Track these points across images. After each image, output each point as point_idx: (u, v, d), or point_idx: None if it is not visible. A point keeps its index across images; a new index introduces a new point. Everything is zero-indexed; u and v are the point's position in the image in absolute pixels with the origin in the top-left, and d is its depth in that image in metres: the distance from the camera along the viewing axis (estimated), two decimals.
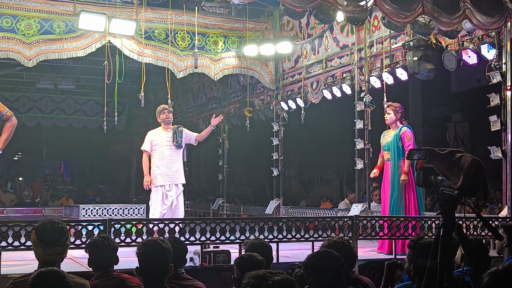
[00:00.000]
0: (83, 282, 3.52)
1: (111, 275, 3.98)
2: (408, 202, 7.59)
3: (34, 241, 3.62)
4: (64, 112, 20.08)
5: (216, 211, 14.79)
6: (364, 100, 9.89)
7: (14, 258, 5.99)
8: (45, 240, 3.56)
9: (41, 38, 10.33)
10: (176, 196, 8.44)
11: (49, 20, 10.39)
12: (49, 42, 10.38)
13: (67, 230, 3.69)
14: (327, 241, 4.15)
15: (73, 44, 10.50)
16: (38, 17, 10.32)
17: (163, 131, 8.59)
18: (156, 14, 10.95)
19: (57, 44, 10.44)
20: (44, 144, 23.31)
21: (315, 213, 11.27)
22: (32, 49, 10.27)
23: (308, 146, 15.66)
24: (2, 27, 10.08)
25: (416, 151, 3.57)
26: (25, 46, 10.22)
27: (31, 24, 10.27)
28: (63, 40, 10.45)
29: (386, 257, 7.08)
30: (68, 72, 17.47)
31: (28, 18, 10.26)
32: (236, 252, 5.99)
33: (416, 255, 3.48)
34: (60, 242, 3.59)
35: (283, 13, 10.35)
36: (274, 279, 2.30)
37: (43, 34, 10.35)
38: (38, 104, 19.70)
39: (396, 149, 7.70)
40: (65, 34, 10.46)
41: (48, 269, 2.90)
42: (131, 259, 4.32)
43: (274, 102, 12.76)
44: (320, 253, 3.37)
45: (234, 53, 12.05)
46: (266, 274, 2.33)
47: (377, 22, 9.72)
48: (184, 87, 17.51)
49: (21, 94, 19.40)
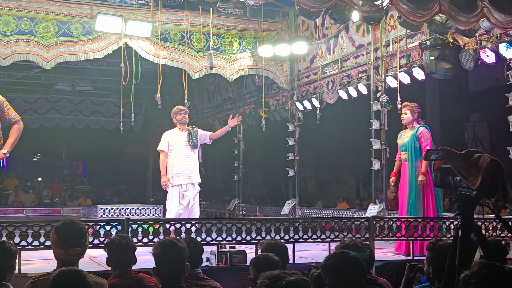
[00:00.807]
0: (101, 281, 3.54)
1: (129, 275, 4.00)
2: (426, 203, 7.51)
3: (55, 241, 3.64)
4: (82, 113, 20.27)
5: (232, 212, 14.80)
6: (381, 100, 9.82)
7: (34, 257, 6.04)
8: (66, 240, 3.59)
9: (59, 40, 10.42)
10: (193, 196, 8.47)
11: (66, 22, 10.47)
12: (66, 44, 10.47)
13: (86, 231, 3.73)
14: (340, 244, 4.12)
15: (90, 46, 10.58)
16: (56, 19, 10.41)
17: (179, 131, 8.62)
18: (172, 15, 10.99)
19: (75, 46, 10.52)
20: (62, 145, 23.50)
21: (332, 213, 11.23)
22: (50, 51, 10.36)
23: (324, 146, 15.61)
24: (21, 30, 10.18)
25: (434, 151, 3.53)
26: (43, 48, 10.31)
27: (49, 26, 10.36)
28: (81, 42, 10.54)
29: (404, 258, 7.04)
30: (85, 74, 17.60)
31: (46, 20, 10.36)
32: (252, 252, 5.98)
33: (435, 257, 3.44)
34: (80, 242, 3.62)
35: (298, 13, 10.32)
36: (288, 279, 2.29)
37: (61, 36, 10.44)
38: (57, 106, 19.90)
39: (413, 149, 7.63)
40: (82, 36, 10.54)
41: (69, 269, 2.93)
42: (148, 258, 4.34)
43: (289, 102, 12.74)
44: (337, 254, 3.34)
45: (249, 53, 12.05)
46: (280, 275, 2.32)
47: (393, 21, 9.65)
48: (200, 88, 17.55)
49: (39, 96, 19.61)
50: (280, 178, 15.39)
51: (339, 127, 14.18)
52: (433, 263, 3.46)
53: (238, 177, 14.93)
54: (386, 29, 9.98)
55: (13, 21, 10.14)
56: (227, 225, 6.16)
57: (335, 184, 17.21)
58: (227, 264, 6.06)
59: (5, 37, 10.05)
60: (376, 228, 6.55)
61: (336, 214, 11.04)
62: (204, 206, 15.59)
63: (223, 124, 15.34)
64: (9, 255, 3.69)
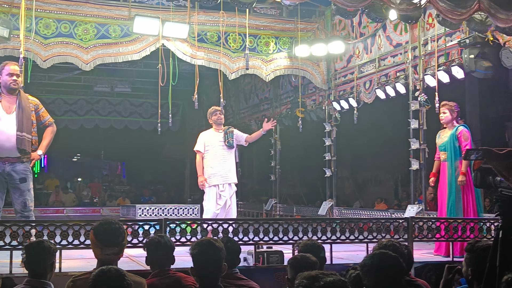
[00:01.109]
0: (140, 280, 3.58)
1: (167, 274, 4.04)
2: (466, 203, 7.39)
3: (92, 241, 3.71)
4: (121, 114, 20.54)
5: (269, 212, 14.81)
6: (419, 99, 9.70)
7: (74, 256, 6.15)
8: (103, 240, 3.64)
9: (97, 42, 10.59)
10: (229, 196, 8.50)
11: (105, 24, 10.64)
12: (105, 46, 10.64)
13: (123, 230, 3.76)
14: (378, 244, 4.08)
15: (128, 48, 10.72)
16: (94, 22, 10.58)
17: (215, 132, 8.66)
18: (208, 16, 11.05)
19: (113, 48, 10.68)
20: (101, 145, 23.87)
21: (369, 214, 11.14)
22: (89, 53, 10.54)
23: (361, 146, 15.48)
24: (61, 33, 10.39)
25: (474, 151, 3.47)
26: (83, 50, 10.50)
27: (88, 29, 10.54)
28: (119, 44, 10.69)
29: (443, 259, 6.94)
30: (123, 75, 17.84)
31: (85, 23, 10.54)
32: (289, 252, 5.98)
33: (473, 259, 3.39)
34: (117, 242, 3.66)
35: (334, 12, 10.26)
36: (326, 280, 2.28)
37: (100, 38, 10.61)
38: (96, 107, 20.21)
39: (452, 149, 7.52)
40: (121, 38, 10.69)
41: (109, 268, 2.98)
42: (186, 258, 4.37)
43: (326, 102, 12.68)
44: (376, 255, 3.30)
45: (285, 53, 12.05)
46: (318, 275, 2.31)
47: (432, 19, 9.52)
48: (236, 88, 17.62)
49: (79, 97, 19.95)
50: (317, 178, 15.32)
51: (377, 126, 14.04)
52: (472, 265, 3.41)
53: (275, 177, 14.94)
54: (424, 27, 9.86)
55: (53, 24, 10.36)
56: (264, 225, 6.16)
57: (373, 185, 17.05)
58: (264, 264, 6.07)
59: (45, 40, 10.27)
60: (415, 229, 6.47)
61: (374, 214, 10.95)
62: (241, 206, 15.64)
63: (259, 125, 15.39)
64: (48, 253, 3.77)
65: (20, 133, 6.38)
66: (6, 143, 6.35)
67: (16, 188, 6.42)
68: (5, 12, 9.87)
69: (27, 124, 6.48)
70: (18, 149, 6.38)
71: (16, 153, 6.39)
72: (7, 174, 6.38)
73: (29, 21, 9.60)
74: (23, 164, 6.44)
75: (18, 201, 6.42)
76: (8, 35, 9.55)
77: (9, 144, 6.36)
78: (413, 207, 9.67)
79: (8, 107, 6.43)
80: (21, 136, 6.38)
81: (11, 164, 6.38)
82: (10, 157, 6.37)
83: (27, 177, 6.48)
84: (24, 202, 6.41)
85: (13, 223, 5.37)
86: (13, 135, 6.36)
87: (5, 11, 9.89)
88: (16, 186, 6.42)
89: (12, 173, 6.39)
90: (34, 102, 6.69)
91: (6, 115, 6.40)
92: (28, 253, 3.79)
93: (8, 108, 6.43)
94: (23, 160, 6.43)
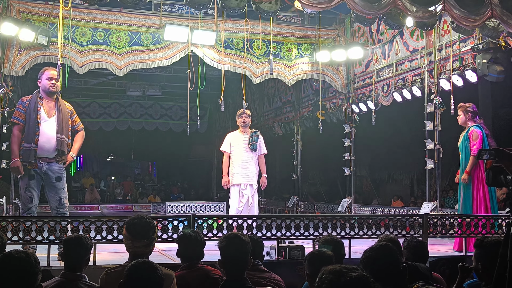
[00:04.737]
0: (169, 272, 3.61)
1: (196, 267, 4.07)
2: (477, 201, 7.31)
3: (124, 235, 3.75)
4: (152, 116, 20.75)
5: (290, 209, 14.82)
6: (434, 102, 9.64)
7: (107, 250, 6.23)
8: (134, 233, 3.67)
9: (130, 49, 10.72)
10: (251, 194, 8.51)
11: (137, 32, 10.76)
12: (137, 53, 10.76)
13: (154, 225, 3.78)
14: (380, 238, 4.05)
15: (159, 54, 10.83)
16: (127, 30, 10.71)
17: (240, 133, 8.66)
18: (234, 24, 11.11)
19: (145, 54, 10.80)
20: (133, 146, 24.10)
21: (386, 211, 11.08)
22: (122, 59, 10.67)
23: (379, 147, 15.40)
24: (96, 40, 10.54)
25: (486, 151, 3.45)
26: (117, 57, 10.63)
27: (121, 36, 10.67)
28: (150, 50, 10.80)
29: (456, 254, 6.89)
30: (154, 80, 18.00)
31: (119, 31, 10.67)
32: (310, 247, 5.98)
33: (483, 253, 3.37)
34: (147, 235, 3.69)
35: (354, 20, 10.26)
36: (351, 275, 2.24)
37: (132, 45, 10.74)
38: (129, 110, 20.44)
39: (465, 149, 7.47)
40: (152, 45, 10.80)
41: (142, 261, 3.01)
42: (212, 252, 4.40)
43: (345, 105, 12.66)
44: (373, 248, 3.26)
45: (307, 59, 12.05)
46: (342, 270, 2.27)
47: (446, 26, 9.45)
48: (261, 92, 17.66)
49: (113, 101, 20.20)
50: (337, 177, 15.29)
51: (394, 128, 13.95)
52: (482, 260, 3.38)
53: (297, 176, 14.94)
54: (440, 33, 9.79)
55: (89, 32, 10.51)
56: (286, 221, 6.18)
57: (390, 183, 16.94)
58: (286, 258, 6.08)
59: (81, 47, 10.43)
60: (429, 225, 6.43)
61: (390, 211, 10.89)
62: (264, 204, 15.68)
63: (282, 127, 15.42)
64: (85, 249, 3.82)
65: (60, 135, 6.51)
66: (47, 144, 6.48)
67: (52, 186, 6.53)
68: (44, 21, 10.05)
69: (66, 127, 6.63)
70: (57, 150, 6.50)
71: (53, 154, 6.51)
72: (44, 173, 6.50)
73: (67, 30, 9.77)
74: (58, 164, 6.56)
75: (54, 198, 6.52)
76: (47, 43, 9.73)
77: (49, 145, 6.48)
78: (428, 204, 9.61)
79: (49, 111, 6.57)
80: (61, 138, 6.51)
81: (47, 163, 6.49)
82: (48, 157, 6.50)
83: (62, 176, 6.60)
84: (60, 200, 6.52)
85: (51, 219, 5.41)
86: (53, 137, 6.49)
87: (44, 20, 10.07)
88: (52, 184, 6.52)
89: (49, 172, 6.50)
90: (70, 107, 6.83)
91: (48, 118, 6.54)
92: (66, 247, 3.82)
93: (49, 111, 6.57)
94: (58, 160, 6.55)
